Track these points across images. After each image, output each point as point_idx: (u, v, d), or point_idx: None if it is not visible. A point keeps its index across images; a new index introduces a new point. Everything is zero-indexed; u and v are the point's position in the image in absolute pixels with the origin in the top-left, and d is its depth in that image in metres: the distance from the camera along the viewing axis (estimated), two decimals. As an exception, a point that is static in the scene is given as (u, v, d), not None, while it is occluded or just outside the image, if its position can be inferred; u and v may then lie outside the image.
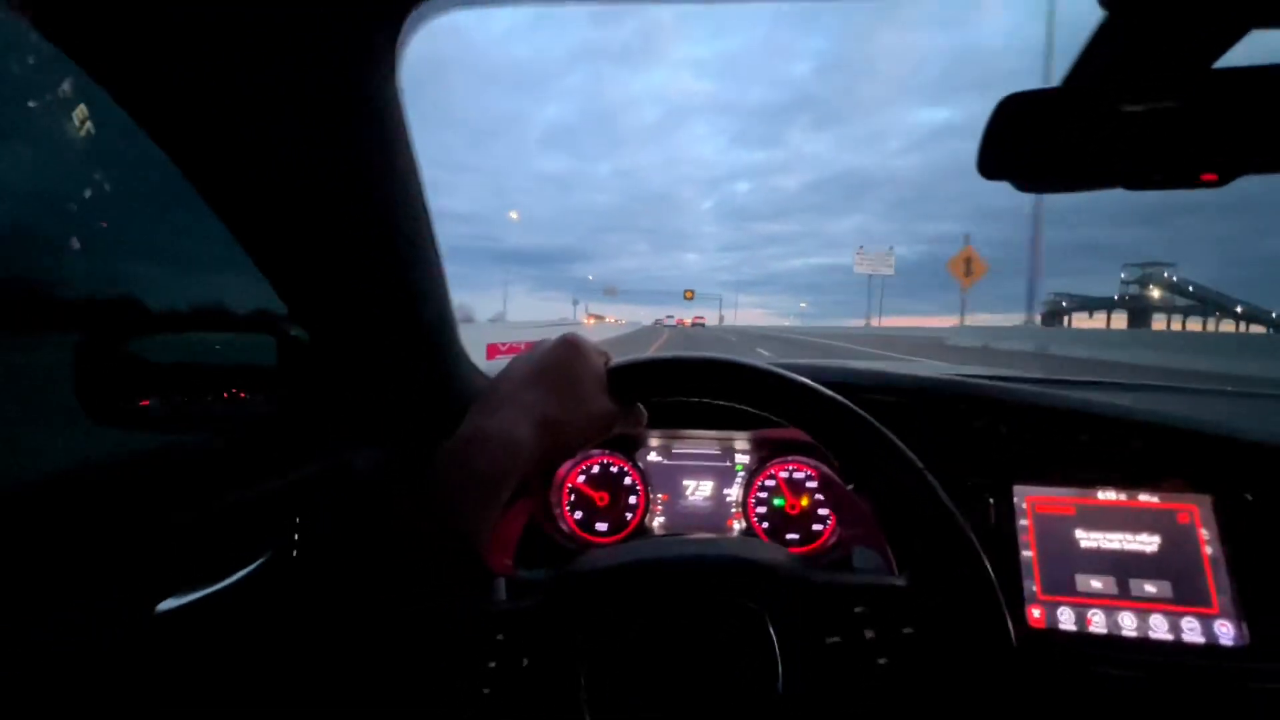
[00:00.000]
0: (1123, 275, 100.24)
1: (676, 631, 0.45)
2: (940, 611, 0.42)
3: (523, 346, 1.01)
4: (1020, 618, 0.67)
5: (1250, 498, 0.67)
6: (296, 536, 0.67)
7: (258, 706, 0.56)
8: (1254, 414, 0.86)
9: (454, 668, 0.47)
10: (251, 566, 0.61)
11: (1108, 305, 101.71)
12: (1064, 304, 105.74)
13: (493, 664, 0.47)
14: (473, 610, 0.49)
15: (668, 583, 0.47)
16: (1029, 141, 0.55)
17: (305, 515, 0.69)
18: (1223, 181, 0.52)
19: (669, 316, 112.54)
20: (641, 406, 0.56)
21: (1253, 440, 0.68)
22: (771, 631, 0.44)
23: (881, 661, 0.42)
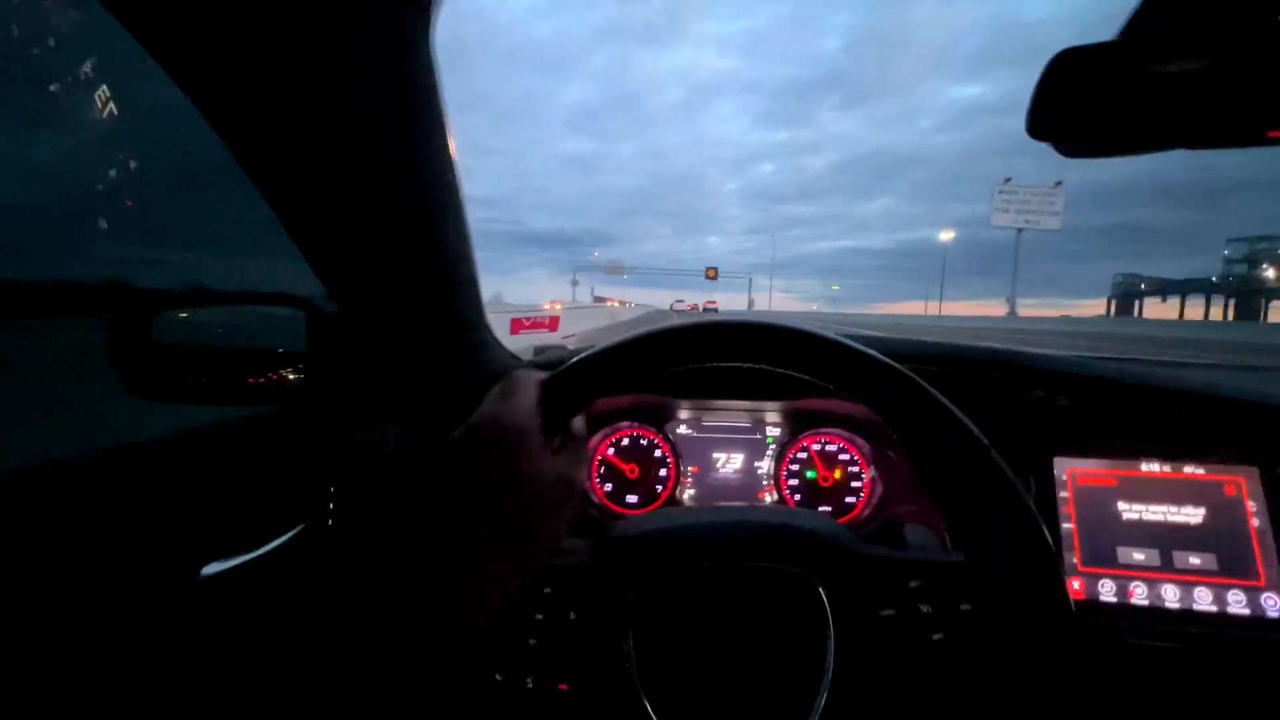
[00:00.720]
0: (1226, 253, 75.57)
1: (727, 596, 0.45)
2: (1000, 587, 0.41)
3: (547, 323, 1.00)
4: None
5: None
6: (332, 506, 0.68)
7: (291, 663, 0.57)
8: None
9: (501, 622, 0.47)
10: (289, 534, 0.61)
11: (1203, 288, 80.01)
12: (1141, 285, 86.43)
13: (540, 616, 0.48)
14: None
15: (722, 547, 0.47)
16: (1085, 99, 0.52)
17: (339, 486, 0.69)
18: None
19: (679, 301, 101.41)
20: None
21: None
22: (824, 599, 0.43)
23: (937, 637, 0.42)
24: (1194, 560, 0.65)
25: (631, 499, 0.88)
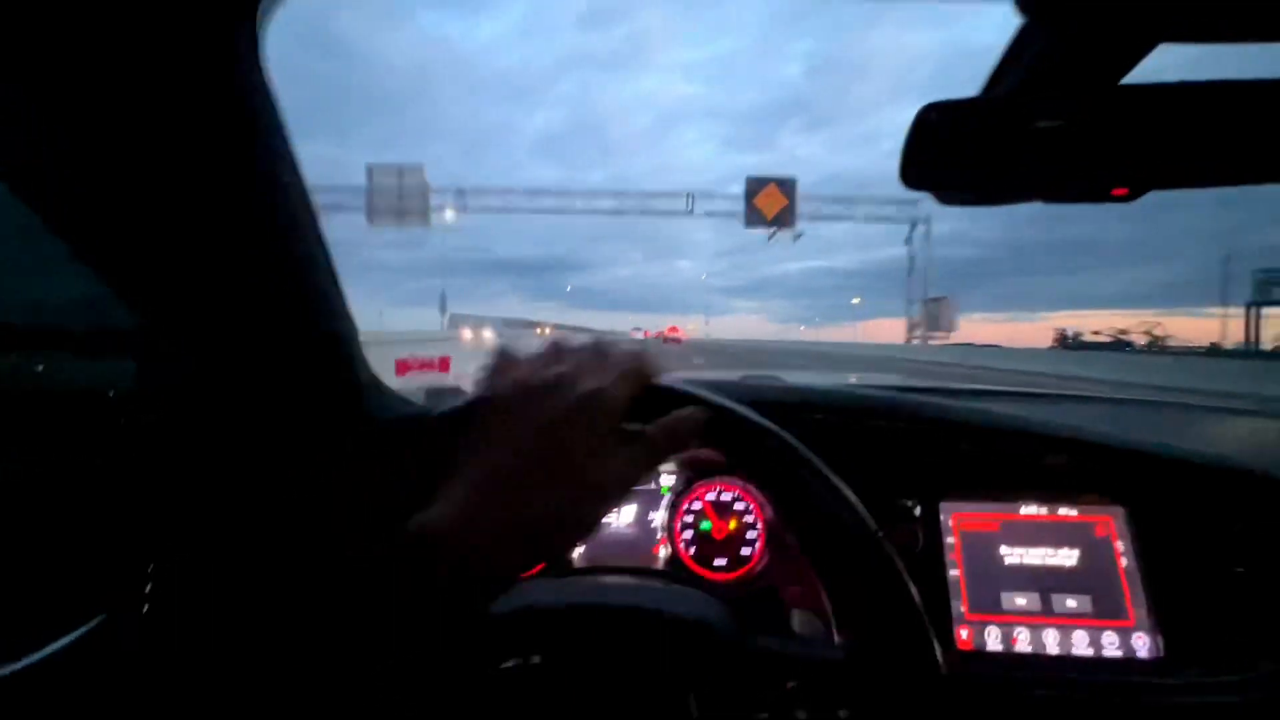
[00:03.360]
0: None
1: (592, 685, 0.40)
2: (878, 685, 0.39)
3: (436, 362, 0.93)
4: (949, 640, 0.65)
5: (1161, 508, 0.68)
6: (149, 588, 0.58)
7: None
8: (1167, 424, 0.89)
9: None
10: (77, 633, 0.51)
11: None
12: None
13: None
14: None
15: (589, 631, 0.42)
16: (947, 152, 0.53)
17: (162, 564, 0.59)
18: (1133, 196, 0.52)
19: (636, 329, 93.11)
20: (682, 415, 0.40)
21: (1162, 452, 0.69)
22: (693, 706, 0.39)
23: None
24: (1070, 603, 0.66)
25: None
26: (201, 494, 0.63)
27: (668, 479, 0.85)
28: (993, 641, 0.65)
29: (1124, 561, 0.67)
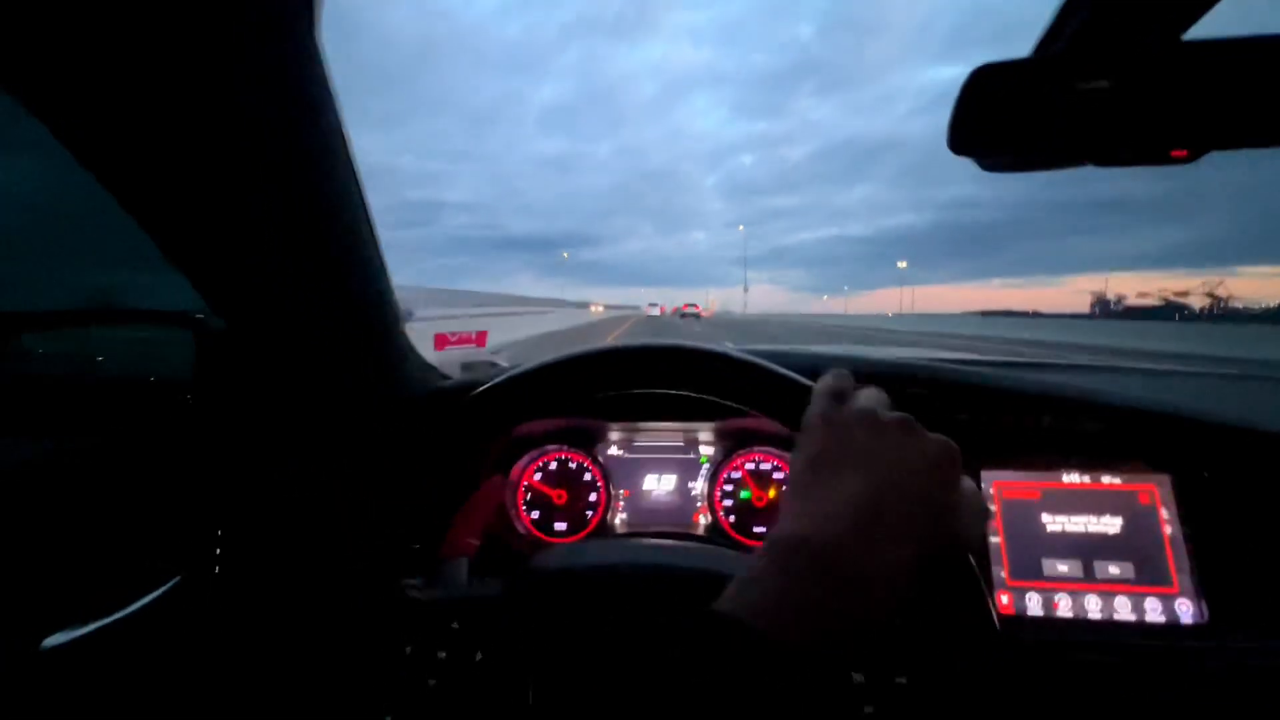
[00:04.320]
0: None
1: (636, 644, 0.42)
2: (934, 650, 0.39)
3: (474, 336, 0.94)
4: (991, 605, 0.66)
5: (1207, 475, 0.67)
6: (218, 551, 0.61)
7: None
8: (1211, 393, 0.88)
9: (400, 657, 0.43)
10: (158, 591, 0.54)
11: None
12: None
13: (443, 654, 0.43)
14: (429, 595, 0.45)
15: (631, 591, 0.43)
16: (1000, 114, 0.52)
17: (230, 528, 0.62)
18: (1192, 158, 0.51)
19: (651, 305, 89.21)
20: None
21: (1209, 419, 0.68)
22: None
23: (868, 710, 0.39)
24: (1113, 570, 0.66)
25: (560, 526, 0.84)
26: (260, 461, 0.66)
27: (707, 449, 0.86)
28: (1034, 607, 0.66)
29: (1168, 529, 0.67)
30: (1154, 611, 0.65)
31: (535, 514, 0.84)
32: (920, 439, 0.34)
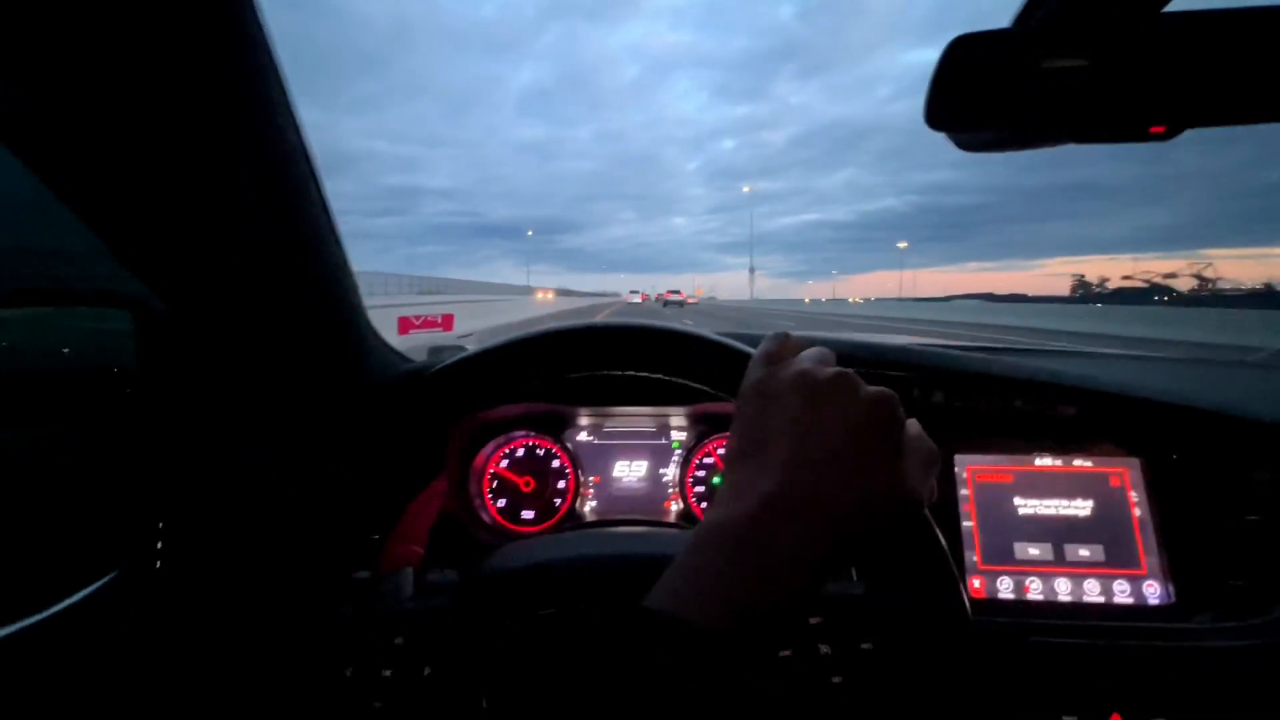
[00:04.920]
0: None
1: (599, 642, 0.40)
2: (901, 620, 0.38)
3: (439, 320, 0.91)
4: (963, 587, 0.66)
5: (1176, 459, 0.68)
6: (159, 545, 0.57)
7: None
8: (1183, 377, 0.89)
9: (340, 678, 0.40)
10: (92, 587, 0.50)
11: None
12: None
13: (388, 672, 0.41)
14: (367, 611, 0.43)
15: (591, 585, 0.41)
16: (978, 88, 0.51)
17: (172, 520, 0.58)
18: (1170, 135, 0.50)
19: (633, 291, 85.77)
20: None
21: (1179, 403, 0.68)
22: None
23: (836, 680, 0.38)
24: (1083, 552, 0.66)
25: (527, 514, 0.81)
26: (210, 452, 0.62)
27: (679, 434, 0.84)
28: (1004, 590, 0.66)
29: (1138, 511, 0.67)
30: (1122, 593, 0.65)
31: (501, 502, 0.82)
32: (853, 393, 0.33)
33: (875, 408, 0.32)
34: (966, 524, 0.68)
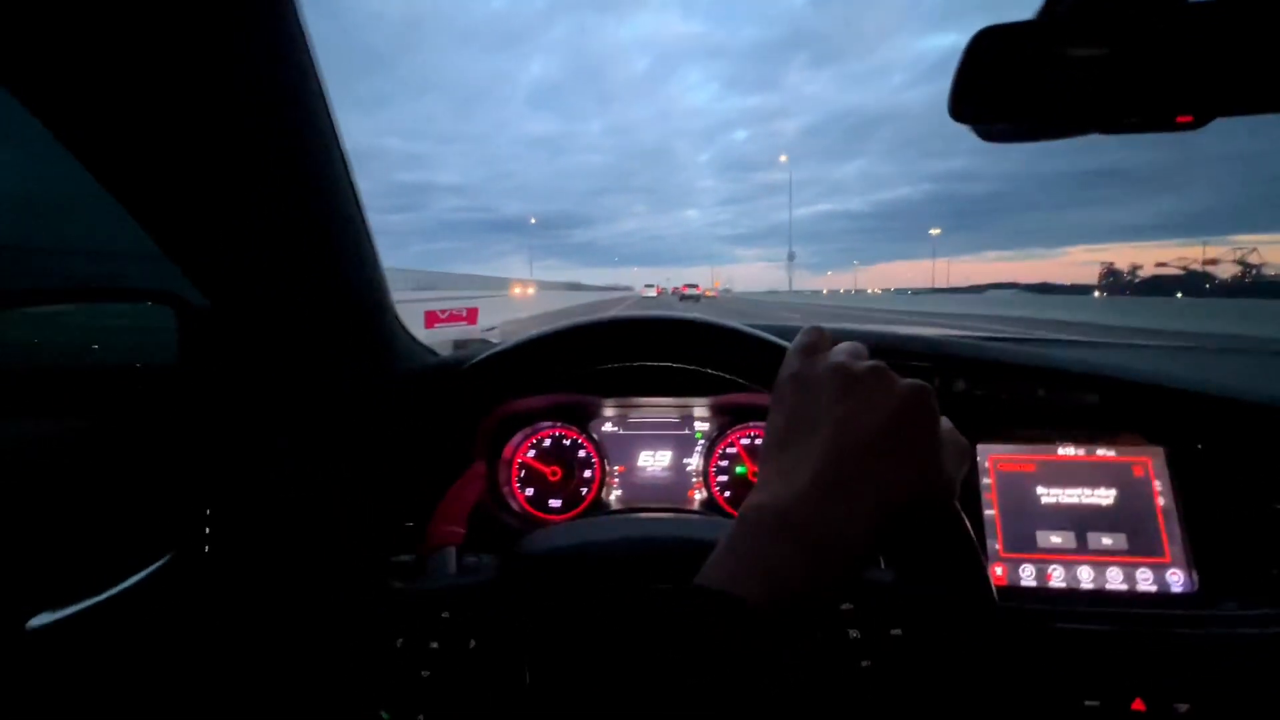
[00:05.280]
0: None
1: (634, 619, 0.42)
2: (929, 606, 0.39)
3: (465, 313, 0.93)
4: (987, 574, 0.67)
5: (1201, 448, 0.68)
6: (208, 530, 0.60)
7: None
8: (1206, 367, 0.88)
9: (391, 649, 0.42)
10: (148, 570, 0.53)
11: None
12: None
13: (435, 644, 0.43)
14: (418, 586, 0.45)
15: (625, 566, 0.43)
16: (1003, 80, 0.51)
17: (219, 507, 0.61)
18: (1198, 124, 0.50)
19: (648, 285, 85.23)
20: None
21: (1204, 392, 0.68)
22: None
23: (865, 664, 0.39)
24: (1106, 541, 0.67)
25: (554, 503, 0.83)
26: (249, 441, 0.65)
27: (702, 424, 0.86)
28: (1027, 578, 0.67)
29: (1161, 501, 0.67)
30: (1145, 581, 0.65)
31: (529, 491, 0.84)
32: (890, 386, 0.34)
33: (911, 399, 0.33)
34: (989, 512, 0.69)
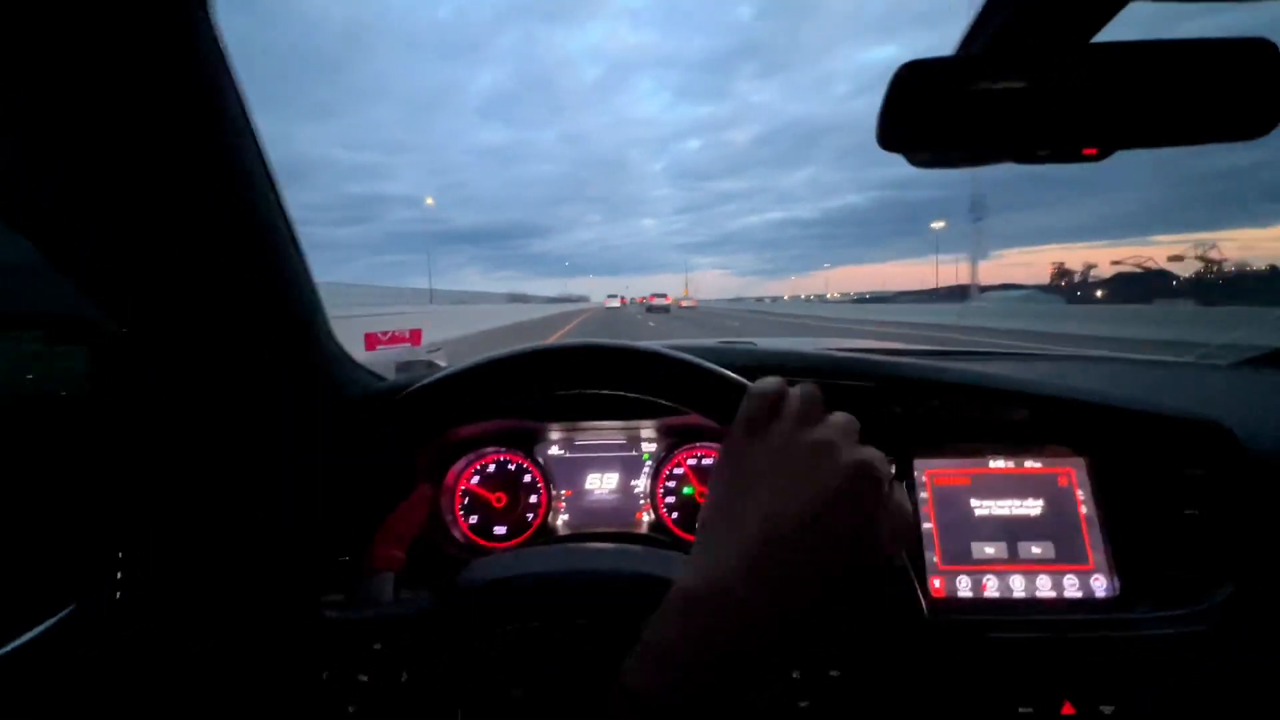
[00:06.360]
0: None
1: (575, 653, 0.41)
2: (867, 649, 0.40)
3: (408, 334, 0.91)
4: (924, 590, 0.68)
5: (1117, 458, 0.71)
6: (120, 575, 0.56)
7: None
8: (1126, 379, 0.93)
9: (315, 681, 0.40)
10: (47, 623, 0.49)
11: None
12: None
13: (364, 678, 0.41)
14: (351, 614, 0.43)
15: (568, 598, 0.42)
16: (924, 112, 0.53)
17: (133, 550, 0.57)
18: (1102, 155, 0.53)
19: (611, 296, 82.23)
20: None
21: (1121, 405, 0.72)
22: None
23: (803, 705, 0.40)
24: (1035, 550, 0.70)
25: (499, 530, 0.81)
26: (170, 478, 0.61)
27: (649, 446, 0.85)
28: (963, 589, 0.69)
29: (1084, 509, 0.71)
30: (1072, 588, 0.68)
31: (473, 519, 0.82)
32: (835, 461, 0.32)
33: (857, 476, 0.32)
34: (926, 525, 0.70)
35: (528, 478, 0.83)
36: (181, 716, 0.51)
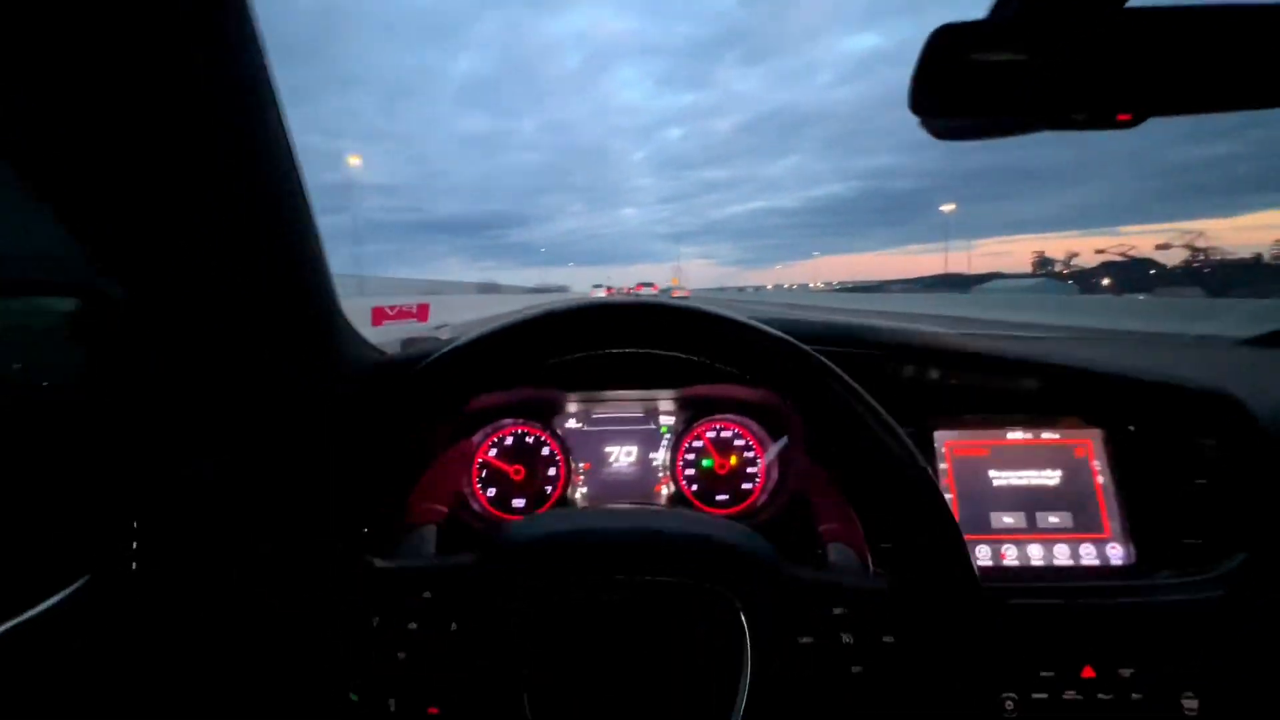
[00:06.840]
0: None
1: (633, 609, 0.40)
2: (925, 622, 0.40)
3: (415, 309, 0.89)
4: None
5: (1133, 429, 0.72)
6: (135, 545, 0.54)
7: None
8: (1132, 354, 0.95)
9: (365, 629, 0.40)
10: (62, 594, 0.47)
11: None
12: None
13: (413, 625, 0.40)
14: (396, 564, 0.42)
15: (635, 556, 0.42)
16: (959, 76, 0.53)
17: (147, 520, 0.55)
18: (1136, 121, 0.53)
19: (597, 286, 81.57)
20: None
21: (1135, 376, 0.73)
22: (744, 622, 0.40)
23: (856, 669, 0.40)
24: (1053, 519, 0.70)
25: (518, 503, 0.80)
26: (182, 448, 0.59)
27: (667, 419, 0.85)
28: (983, 558, 0.69)
29: (1100, 479, 0.71)
30: (1089, 556, 0.69)
31: (491, 491, 0.81)
32: None
33: None
34: (946, 496, 0.71)
35: (546, 450, 0.82)
36: (194, 683, 0.49)
